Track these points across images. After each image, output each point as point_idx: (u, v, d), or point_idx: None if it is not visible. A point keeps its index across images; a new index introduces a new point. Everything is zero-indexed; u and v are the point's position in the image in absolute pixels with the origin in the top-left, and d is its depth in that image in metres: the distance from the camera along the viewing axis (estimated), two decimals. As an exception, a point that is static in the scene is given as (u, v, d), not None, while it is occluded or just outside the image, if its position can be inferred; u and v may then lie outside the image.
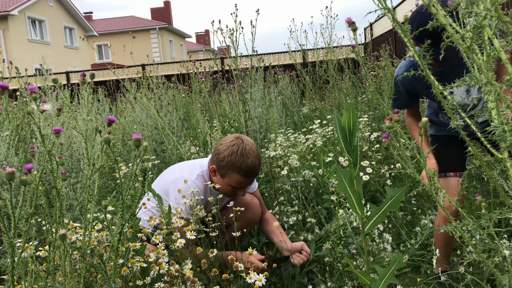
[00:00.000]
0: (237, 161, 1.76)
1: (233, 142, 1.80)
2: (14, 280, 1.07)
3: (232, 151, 1.77)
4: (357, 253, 2.04)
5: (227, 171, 1.79)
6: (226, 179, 1.81)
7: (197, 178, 1.88)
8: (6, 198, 0.99)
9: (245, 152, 1.77)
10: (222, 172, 1.81)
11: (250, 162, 1.78)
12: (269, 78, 5.74)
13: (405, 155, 1.01)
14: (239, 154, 1.76)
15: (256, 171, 1.82)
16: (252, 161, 1.78)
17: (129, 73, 10.27)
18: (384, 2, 0.86)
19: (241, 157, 1.76)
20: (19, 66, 3.87)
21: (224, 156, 1.78)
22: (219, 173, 1.83)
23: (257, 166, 1.81)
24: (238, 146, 1.78)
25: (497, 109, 0.81)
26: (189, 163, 2.03)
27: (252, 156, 1.79)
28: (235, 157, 1.76)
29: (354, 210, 1.33)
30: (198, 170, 1.92)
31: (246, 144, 1.80)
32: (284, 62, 11.15)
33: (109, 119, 1.14)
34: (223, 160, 1.78)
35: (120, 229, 1.19)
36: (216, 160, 1.82)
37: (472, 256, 1.05)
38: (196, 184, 1.85)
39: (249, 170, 1.79)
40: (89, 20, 28.55)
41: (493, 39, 0.71)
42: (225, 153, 1.78)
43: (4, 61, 4.16)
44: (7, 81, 3.54)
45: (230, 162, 1.77)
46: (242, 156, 1.76)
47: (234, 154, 1.77)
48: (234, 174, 1.79)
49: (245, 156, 1.77)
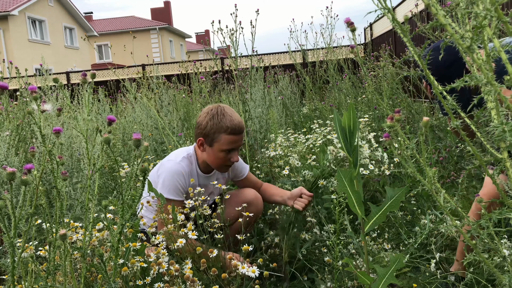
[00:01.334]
0: (220, 120, 1.80)
1: (210, 108, 1.85)
2: (14, 280, 1.07)
3: (212, 115, 1.82)
4: (357, 253, 2.04)
5: (213, 135, 1.82)
6: (215, 145, 1.84)
7: (182, 160, 1.90)
8: (7, 198, 1.00)
9: (224, 112, 1.82)
10: (210, 139, 1.84)
11: (233, 119, 1.82)
12: (269, 78, 5.74)
13: (405, 154, 1.01)
14: (220, 114, 1.81)
15: (242, 127, 1.85)
16: (234, 118, 1.83)
17: (129, 73, 10.27)
18: (384, 2, 0.86)
19: (222, 116, 1.81)
20: (19, 66, 3.87)
21: (206, 122, 1.82)
22: (207, 144, 1.86)
23: (241, 122, 1.85)
24: (215, 109, 1.83)
25: (497, 109, 0.81)
26: (174, 151, 2.05)
27: (232, 114, 1.84)
28: (217, 118, 1.81)
29: (354, 210, 1.33)
30: (184, 153, 1.94)
31: (224, 106, 1.85)
32: (284, 62, 11.15)
33: (109, 118, 1.15)
34: (207, 126, 1.82)
35: (120, 229, 1.19)
36: (200, 131, 1.85)
37: (472, 256, 1.05)
38: (181, 166, 1.86)
39: (234, 126, 1.82)
40: (89, 20, 28.55)
41: (493, 39, 0.71)
42: (206, 119, 1.83)
43: (4, 61, 4.16)
44: (7, 81, 3.54)
45: (213, 125, 1.81)
46: (223, 115, 1.81)
47: (215, 116, 1.81)
48: (221, 136, 1.81)
49: (226, 115, 1.82)
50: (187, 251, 1.59)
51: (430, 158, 2.68)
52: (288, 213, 2.13)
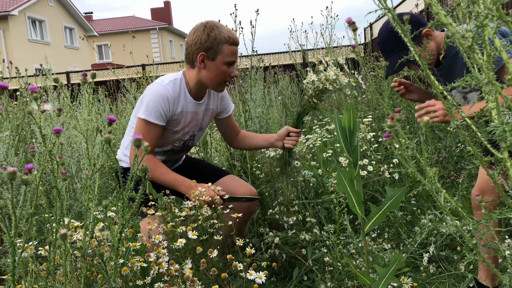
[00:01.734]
0: (220, 32, 1.77)
1: (202, 24, 1.80)
2: (15, 280, 1.07)
3: (209, 28, 1.78)
4: (357, 253, 2.04)
5: (217, 47, 1.78)
6: (219, 58, 1.80)
7: (168, 84, 1.84)
8: (7, 198, 1.00)
9: (219, 25, 1.80)
10: (213, 52, 1.79)
11: (229, 30, 1.81)
12: (269, 78, 5.74)
13: (406, 154, 1.01)
14: (217, 28, 1.78)
15: (237, 37, 1.84)
16: (227, 29, 1.81)
17: (129, 73, 10.27)
18: (385, 2, 0.86)
19: (220, 28, 1.78)
20: (19, 66, 3.87)
21: (206, 35, 1.77)
22: (209, 58, 1.81)
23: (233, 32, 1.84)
24: (208, 24, 1.79)
25: (497, 109, 0.81)
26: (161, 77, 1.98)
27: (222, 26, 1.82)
28: (216, 30, 1.77)
29: (354, 210, 1.33)
30: (170, 77, 1.88)
31: (214, 21, 1.83)
32: (284, 62, 11.16)
33: (109, 118, 1.15)
34: (208, 39, 1.77)
35: (121, 229, 1.19)
36: (201, 46, 1.79)
37: (472, 256, 1.05)
38: (166, 89, 1.82)
39: (233, 36, 1.81)
40: (89, 20, 28.56)
41: (494, 38, 0.71)
42: (204, 33, 1.78)
43: (4, 61, 4.16)
44: (7, 81, 3.54)
45: (214, 36, 1.77)
46: (220, 28, 1.78)
47: (213, 28, 1.78)
48: (223, 46, 1.78)
49: (222, 27, 1.80)
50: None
51: (430, 158, 2.68)
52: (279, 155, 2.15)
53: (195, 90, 1.90)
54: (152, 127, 1.79)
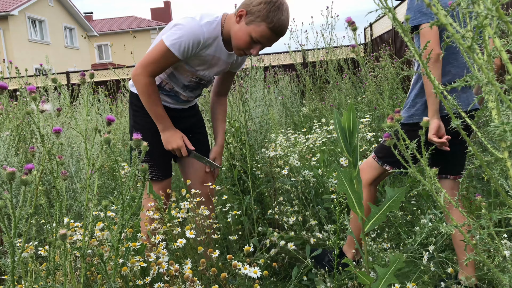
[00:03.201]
0: (272, 11, 1.71)
1: None
2: (14, 280, 1.07)
3: (272, 1, 1.71)
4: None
5: (256, 18, 1.73)
6: (251, 27, 1.74)
7: (205, 25, 1.78)
8: (7, 198, 0.99)
9: (282, 7, 1.72)
10: (250, 18, 1.74)
11: (283, 19, 1.73)
12: (269, 78, 5.74)
13: (406, 154, 1.01)
14: (276, 6, 1.71)
15: (284, 31, 1.77)
16: (285, 19, 1.73)
17: (130, 73, 10.26)
18: (385, 2, 0.86)
19: (277, 9, 1.71)
20: (19, 66, 3.87)
21: (260, 1, 1.71)
22: (246, 19, 1.75)
23: (286, 26, 1.76)
24: None
25: (497, 109, 0.81)
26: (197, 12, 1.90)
27: (286, 14, 1.74)
28: (272, 6, 1.71)
29: (354, 210, 1.33)
30: (209, 18, 1.82)
31: (284, 2, 1.75)
32: (284, 62, 11.15)
33: (108, 118, 1.14)
34: (258, 5, 1.71)
35: (121, 229, 1.19)
36: (249, 5, 1.74)
37: (472, 256, 1.05)
38: (202, 31, 1.76)
39: (278, 26, 1.73)
40: (89, 20, 28.57)
41: (494, 38, 0.71)
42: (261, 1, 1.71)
43: (4, 61, 4.16)
44: (7, 81, 3.54)
45: (264, 9, 1.71)
46: (278, 8, 1.71)
47: (272, 3, 1.71)
48: (262, 24, 1.72)
49: (281, 10, 1.72)
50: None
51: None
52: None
53: (227, 39, 1.87)
54: (171, 55, 1.77)
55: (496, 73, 1.79)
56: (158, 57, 1.77)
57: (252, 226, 2.28)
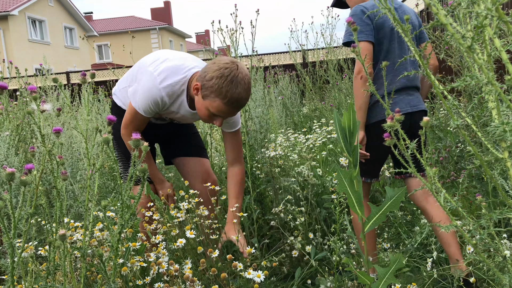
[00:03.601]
0: (224, 86, 1.60)
1: (226, 65, 1.62)
2: (14, 280, 1.07)
3: (222, 74, 1.60)
4: (357, 253, 2.04)
5: (210, 93, 1.63)
6: (207, 101, 1.66)
7: (166, 87, 1.73)
8: (6, 199, 0.99)
9: (235, 80, 1.60)
10: (205, 93, 1.65)
11: (238, 93, 1.62)
12: (269, 78, 5.74)
13: (406, 154, 1.01)
14: (229, 80, 1.60)
15: (242, 104, 1.68)
16: (240, 92, 1.63)
17: (129, 73, 10.25)
18: (385, 2, 0.86)
19: (229, 83, 1.60)
20: (19, 66, 3.87)
21: (212, 76, 1.61)
22: (201, 93, 1.67)
23: (243, 99, 1.66)
24: (230, 70, 1.61)
25: (498, 109, 0.81)
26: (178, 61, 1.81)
27: (242, 87, 1.62)
28: (224, 81, 1.60)
29: (354, 210, 1.33)
30: (174, 77, 1.75)
31: (240, 72, 1.62)
32: (284, 62, 11.16)
33: (109, 118, 1.14)
34: (210, 80, 1.62)
35: (120, 229, 1.19)
36: (203, 79, 1.65)
37: (472, 256, 1.05)
38: (160, 94, 1.72)
39: (234, 100, 1.64)
40: (89, 20, 28.56)
41: (494, 38, 0.71)
42: (215, 73, 1.61)
43: (4, 61, 4.16)
44: (7, 81, 3.54)
45: (216, 85, 1.61)
46: (231, 83, 1.60)
47: (224, 78, 1.60)
48: (216, 99, 1.63)
49: (235, 84, 1.60)
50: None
51: (430, 158, 2.68)
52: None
53: (190, 101, 1.83)
54: (140, 115, 1.80)
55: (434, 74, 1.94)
56: (132, 118, 1.82)
57: (252, 226, 2.28)
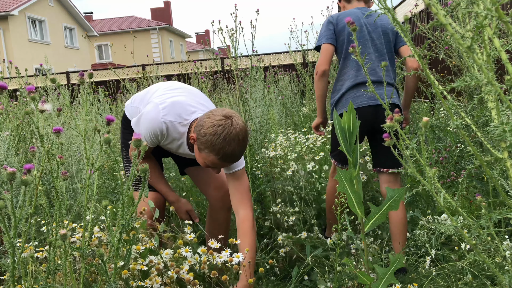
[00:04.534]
0: (217, 144, 1.60)
1: (220, 122, 1.61)
2: (14, 280, 1.07)
3: (215, 131, 1.59)
4: (357, 253, 2.04)
5: (204, 148, 1.63)
6: (202, 154, 1.66)
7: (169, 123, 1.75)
8: (7, 199, 0.99)
9: (229, 137, 1.60)
10: (200, 147, 1.65)
11: (232, 149, 1.62)
12: (269, 78, 5.74)
13: (405, 154, 1.01)
14: (222, 138, 1.59)
15: (236, 158, 1.67)
16: (234, 148, 1.62)
17: (129, 73, 10.26)
18: (384, 2, 0.86)
19: (223, 141, 1.59)
20: (19, 66, 3.86)
21: (205, 132, 1.61)
22: (197, 145, 1.67)
23: (238, 154, 1.66)
24: (224, 128, 1.60)
25: (497, 109, 0.81)
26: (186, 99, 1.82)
27: (236, 143, 1.62)
28: (217, 139, 1.59)
29: (354, 210, 1.33)
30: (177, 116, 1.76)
31: (234, 127, 1.61)
32: (284, 62, 11.16)
33: (108, 118, 1.14)
34: (204, 136, 1.61)
35: (121, 229, 1.19)
36: (198, 132, 1.65)
37: (472, 256, 1.05)
38: (161, 127, 1.73)
39: (228, 157, 1.64)
40: (89, 20, 28.57)
41: (493, 38, 0.71)
42: (208, 130, 1.60)
43: (4, 61, 4.16)
44: (7, 81, 3.54)
45: (209, 142, 1.60)
46: (224, 140, 1.59)
47: (217, 136, 1.59)
48: (210, 155, 1.63)
49: (228, 141, 1.60)
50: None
51: (430, 158, 2.68)
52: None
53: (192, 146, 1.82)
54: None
55: (413, 76, 2.15)
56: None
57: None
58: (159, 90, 1.90)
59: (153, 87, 1.98)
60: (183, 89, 1.91)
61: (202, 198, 2.55)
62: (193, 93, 1.91)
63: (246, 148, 2.50)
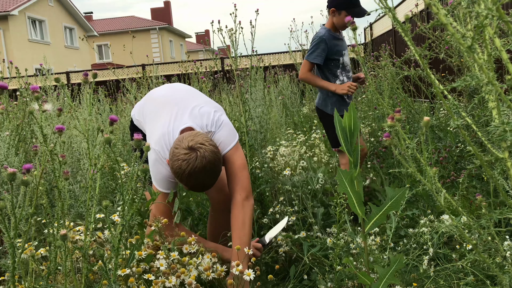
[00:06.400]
0: (184, 178, 1.61)
1: (185, 157, 1.59)
2: (15, 280, 1.07)
3: (179, 166, 1.59)
4: (357, 253, 2.04)
5: (175, 177, 1.66)
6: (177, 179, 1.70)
7: (158, 149, 1.76)
8: (7, 199, 1.00)
9: (194, 172, 1.59)
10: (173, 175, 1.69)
11: (198, 183, 1.63)
12: (269, 78, 5.74)
13: (406, 154, 1.01)
14: (187, 173, 1.59)
15: (207, 187, 1.69)
16: (200, 181, 1.63)
17: (129, 73, 10.26)
18: (385, 2, 0.86)
19: (188, 176, 1.60)
20: (19, 66, 3.86)
21: (172, 165, 1.62)
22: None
23: (207, 183, 1.67)
24: (188, 163, 1.58)
25: (498, 109, 0.81)
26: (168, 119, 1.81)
27: (203, 175, 1.62)
28: (182, 174, 1.60)
29: (354, 210, 1.33)
30: (163, 141, 1.77)
31: (200, 161, 1.59)
32: (284, 62, 11.15)
33: (111, 118, 1.14)
34: (172, 168, 1.63)
35: (121, 229, 1.19)
36: (170, 159, 1.66)
37: (472, 256, 1.05)
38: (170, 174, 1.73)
39: (197, 187, 1.68)
40: (89, 20, 28.55)
41: (494, 38, 0.71)
42: (174, 164, 1.61)
43: (4, 61, 4.16)
44: (7, 81, 3.54)
45: (177, 174, 1.62)
46: (190, 176, 1.60)
47: (182, 170, 1.59)
48: (181, 183, 1.68)
49: (194, 176, 1.60)
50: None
51: (430, 158, 2.68)
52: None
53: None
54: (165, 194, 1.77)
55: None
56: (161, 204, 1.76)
57: (252, 226, 2.28)
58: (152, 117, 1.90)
59: (147, 106, 1.97)
60: (172, 106, 1.88)
61: (202, 198, 2.55)
62: (183, 101, 1.90)
63: (246, 148, 2.50)
